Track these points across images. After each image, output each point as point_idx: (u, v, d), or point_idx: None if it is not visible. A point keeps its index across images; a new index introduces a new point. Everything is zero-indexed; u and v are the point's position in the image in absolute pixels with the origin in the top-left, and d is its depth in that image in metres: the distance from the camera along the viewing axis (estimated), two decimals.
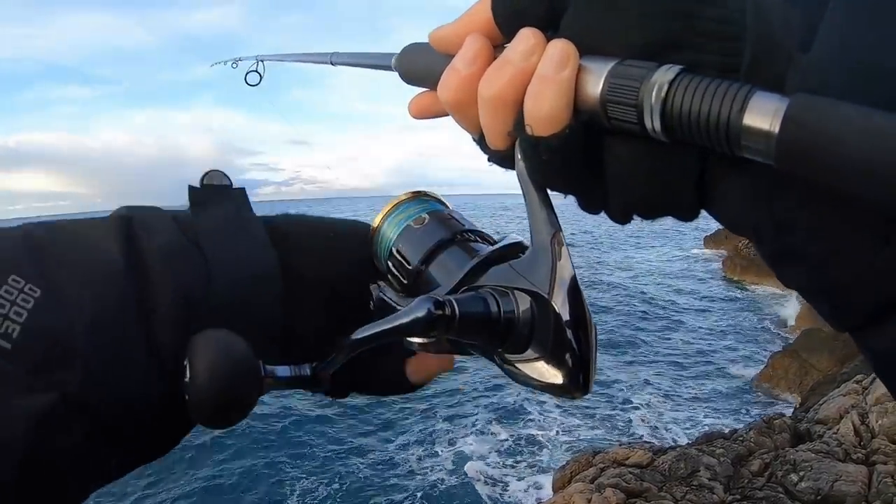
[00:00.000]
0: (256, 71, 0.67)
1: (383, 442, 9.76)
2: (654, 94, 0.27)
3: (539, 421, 10.39)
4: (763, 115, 0.24)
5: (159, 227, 0.42)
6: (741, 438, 6.10)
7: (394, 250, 0.45)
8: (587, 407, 10.88)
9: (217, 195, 0.47)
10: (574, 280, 0.34)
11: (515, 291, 0.36)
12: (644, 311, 18.08)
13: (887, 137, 0.20)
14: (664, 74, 0.27)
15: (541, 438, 9.74)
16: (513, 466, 8.83)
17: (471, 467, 8.82)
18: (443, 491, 8.28)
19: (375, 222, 0.47)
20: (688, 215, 0.33)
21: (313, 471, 8.88)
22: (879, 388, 6.04)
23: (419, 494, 8.20)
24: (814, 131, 0.22)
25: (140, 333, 0.39)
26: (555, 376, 0.34)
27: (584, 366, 0.34)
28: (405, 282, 0.44)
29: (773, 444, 5.92)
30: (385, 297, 0.44)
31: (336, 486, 8.49)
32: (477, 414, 10.61)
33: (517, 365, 0.36)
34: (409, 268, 0.43)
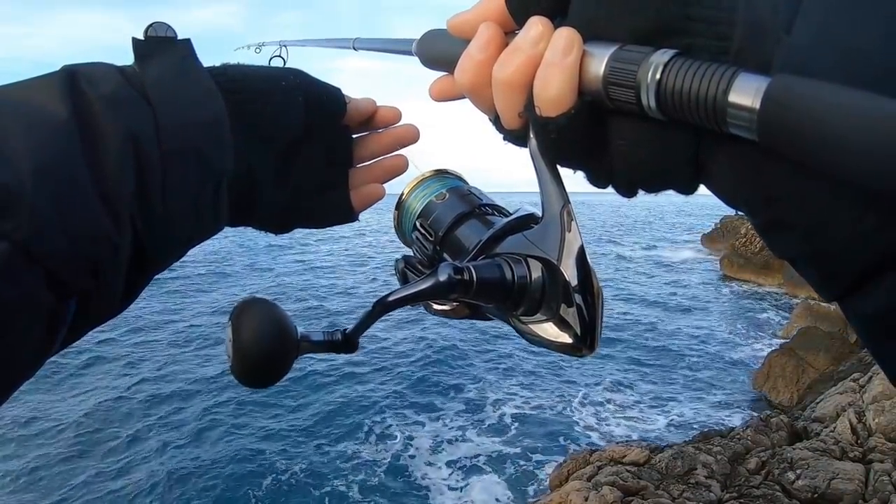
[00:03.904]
0: (280, 56, 0.68)
1: (355, 437, 9.72)
2: (649, 75, 0.29)
3: (528, 416, 10.41)
4: (746, 93, 0.26)
5: (104, 79, 0.43)
6: (738, 437, 6.11)
7: (418, 223, 0.48)
8: (579, 402, 10.90)
9: (161, 46, 0.47)
10: (581, 249, 0.37)
11: (528, 259, 0.39)
12: (640, 308, 18.13)
13: (862, 114, 0.21)
14: (660, 57, 0.29)
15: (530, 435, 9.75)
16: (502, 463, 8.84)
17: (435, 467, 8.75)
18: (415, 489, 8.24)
19: (400, 198, 0.50)
20: (686, 189, 0.35)
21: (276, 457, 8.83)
22: (876, 387, 6.05)
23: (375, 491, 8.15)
24: (792, 108, 0.24)
25: (90, 181, 0.39)
26: (565, 336, 0.38)
27: (591, 326, 0.37)
28: (428, 252, 0.47)
29: (770, 443, 5.93)
30: (408, 268, 0.48)
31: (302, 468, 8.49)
32: (454, 419, 10.56)
33: (531, 326, 0.39)
34: (432, 239, 0.46)
